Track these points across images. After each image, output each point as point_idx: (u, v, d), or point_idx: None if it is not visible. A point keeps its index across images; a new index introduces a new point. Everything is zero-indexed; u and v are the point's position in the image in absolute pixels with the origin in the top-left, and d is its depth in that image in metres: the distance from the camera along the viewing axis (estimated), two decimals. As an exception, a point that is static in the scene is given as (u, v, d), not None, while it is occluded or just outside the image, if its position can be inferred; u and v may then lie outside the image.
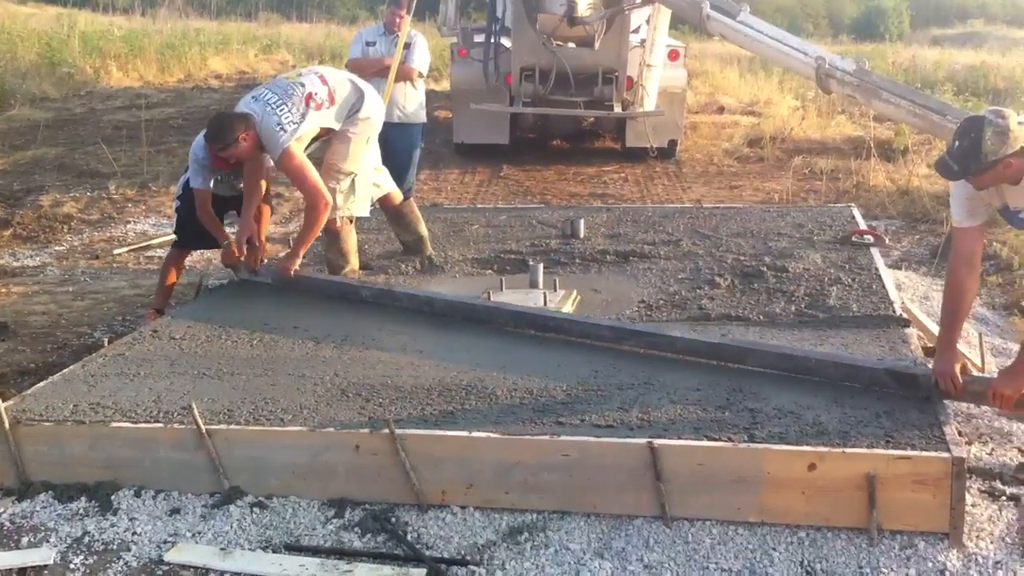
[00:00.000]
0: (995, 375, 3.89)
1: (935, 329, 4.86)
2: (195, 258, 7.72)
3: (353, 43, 8.36)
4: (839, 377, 4.09)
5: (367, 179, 5.87)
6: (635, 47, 10.78)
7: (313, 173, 5.42)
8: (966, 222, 3.84)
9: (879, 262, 5.82)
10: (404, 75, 7.89)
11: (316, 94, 5.42)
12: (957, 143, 3.56)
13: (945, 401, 3.88)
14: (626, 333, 4.62)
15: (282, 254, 6.34)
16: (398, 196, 6.32)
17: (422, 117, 8.31)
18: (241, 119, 5.27)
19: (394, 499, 3.69)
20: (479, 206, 8.63)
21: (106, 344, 4.99)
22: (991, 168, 3.52)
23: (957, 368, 3.81)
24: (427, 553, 3.39)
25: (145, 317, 5.98)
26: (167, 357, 4.72)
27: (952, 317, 3.90)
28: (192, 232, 5.99)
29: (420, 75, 8.14)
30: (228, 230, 5.91)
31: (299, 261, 5.66)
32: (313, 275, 5.78)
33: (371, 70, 7.61)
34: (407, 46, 7.90)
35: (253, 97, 5.43)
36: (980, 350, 4.89)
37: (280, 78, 5.67)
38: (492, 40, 10.99)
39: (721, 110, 15.25)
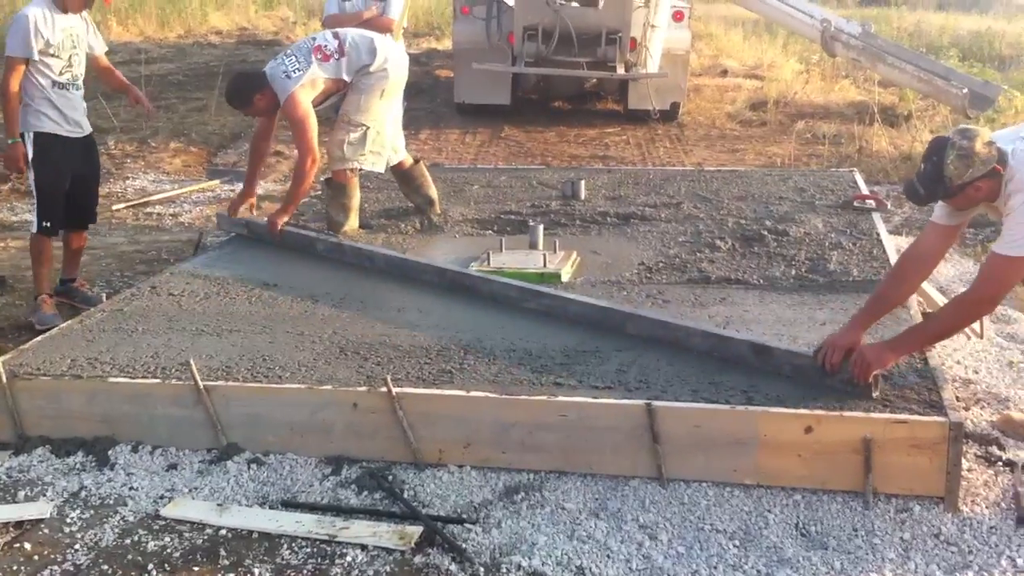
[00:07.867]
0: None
1: (935, 295, 4.85)
2: (194, 215, 7.70)
3: None
4: (705, 349, 4.02)
5: (382, 135, 5.78)
6: (639, 7, 10.69)
7: (312, 129, 5.52)
8: (940, 219, 3.62)
9: (880, 227, 5.79)
10: (382, 27, 7.68)
11: (325, 46, 5.60)
12: (923, 166, 3.37)
13: (935, 367, 3.82)
14: (529, 293, 4.64)
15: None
16: (408, 160, 6.28)
17: None
18: (255, 77, 5.63)
19: (391, 457, 3.71)
20: (480, 166, 8.56)
21: (104, 299, 4.98)
22: (960, 192, 3.33)
23: (845, 346, 3.59)
24: (423, 511, 3.40)
25: (40, 301, 5.40)
26: (165, 313, 4.71)
27: (877, 301, 3.74)
28: (59, 211, 5.45)
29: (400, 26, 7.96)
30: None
31: (287, 217, 5.72)
32: (292, 230, 5.75)
33: (349, 25, 7.46)
34: None
35: (273, 60, 5.69)
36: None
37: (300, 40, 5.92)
38: (495, -3, 10.92)
39: (724, 73, 15.14)
